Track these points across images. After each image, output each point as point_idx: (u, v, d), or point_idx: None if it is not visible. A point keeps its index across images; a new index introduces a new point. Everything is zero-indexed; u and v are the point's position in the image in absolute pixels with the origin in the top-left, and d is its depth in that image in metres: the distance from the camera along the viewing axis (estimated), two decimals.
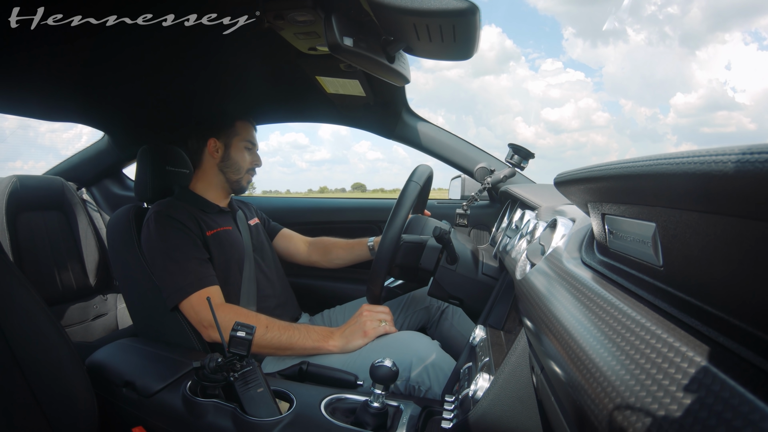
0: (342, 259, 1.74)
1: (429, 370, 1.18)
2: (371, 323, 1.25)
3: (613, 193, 0.44)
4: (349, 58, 0.89)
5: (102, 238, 2.20)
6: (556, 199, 1.05)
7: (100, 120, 1.90)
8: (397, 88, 1.56)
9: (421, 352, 1.22)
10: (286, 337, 1.22)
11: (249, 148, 1.52)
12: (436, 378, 1.18)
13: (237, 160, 1.49)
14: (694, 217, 0.30)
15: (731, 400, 0.23)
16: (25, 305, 0.91)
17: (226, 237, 1.42)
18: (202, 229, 1.37)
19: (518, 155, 1.64)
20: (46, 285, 1.95)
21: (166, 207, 1.35)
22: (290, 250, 1.78)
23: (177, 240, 1.30)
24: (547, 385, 0.58)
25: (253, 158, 1.53)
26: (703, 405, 0.25)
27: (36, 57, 1.12)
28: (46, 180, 2.10)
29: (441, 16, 0.74)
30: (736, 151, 0.24)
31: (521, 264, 0.80)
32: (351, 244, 1.73)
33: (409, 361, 1.19)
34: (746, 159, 0.23)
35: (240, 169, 1.50)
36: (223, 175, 1.50)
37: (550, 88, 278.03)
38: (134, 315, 1.38)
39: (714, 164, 0.25)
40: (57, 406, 0.90)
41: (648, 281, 0.39)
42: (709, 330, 0.30)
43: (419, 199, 1.50)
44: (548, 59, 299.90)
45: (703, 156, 0.27)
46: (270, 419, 0.90)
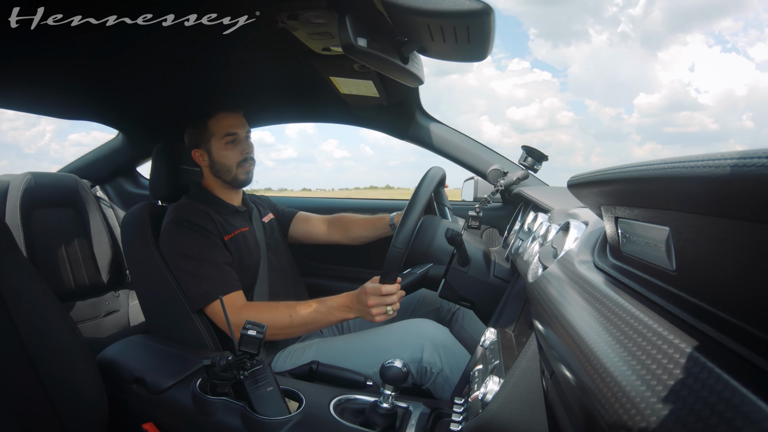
0: (364, 237, 1.72)
1: (440, 351, 1.21)
2: (378, 310, 1.20)
3: (627, 197, 0.44)
4: (362, 58, 0.89)
5: (115, 236, 2.23)
6: (569, 202, 1.04)
7: (115, 118, 1.92)
8: (411, 89, 1.56)
9: (432, 334, 1.24)
10: (311, 319, 1.25)
11: (230, 141, 1.44)
12: (447, 359, 1.19)
13: (222, 162, 1.44)
14: (708, 222, 0.30)
15: (743, 407, 0.23)
16: (38, 301, 0.93)
17: (243, 240, 1.42)
18: (221, 233, 1.37)
19: (532, 157, 1.62)
20: (58, 281, 1.97)
21: (185, 211, 1.35)
22: (310, 232, 1.75)
23: (199, 244, 1.30)
24: (557, 389, 0.58)
25: (241, 149, 1.45)
26: (714, 412, 0.24)
27: (52, 56, 1.13)
28: (60, 177, 2.14)
29: (455, 17, 0.73)
30: (751, 154, 0.23)
31: (533, 267, 0.79)
32: (372, 221, 1.70)
33: (420, 344, 1.21)
34: (762, 163, 0.23)
35: (229, 169, 1.44)
36: (219, 178, 1.47)
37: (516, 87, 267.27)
38: (147, 312, 1.39)
39: (729, 168, 0.25)
40: (67, 401, 0.91)
41: (660, 286, 0.39)
42: (722, 336, 0.30)
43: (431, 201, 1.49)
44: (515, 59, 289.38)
45: (717, 159, 0.26)
46: (279, 418, 0.91)
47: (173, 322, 1.31)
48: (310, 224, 1.76)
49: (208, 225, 1.34)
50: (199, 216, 1.34)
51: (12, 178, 1.96)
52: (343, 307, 1.25)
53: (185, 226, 1.31)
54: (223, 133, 1.43)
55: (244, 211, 1.52)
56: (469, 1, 0.72)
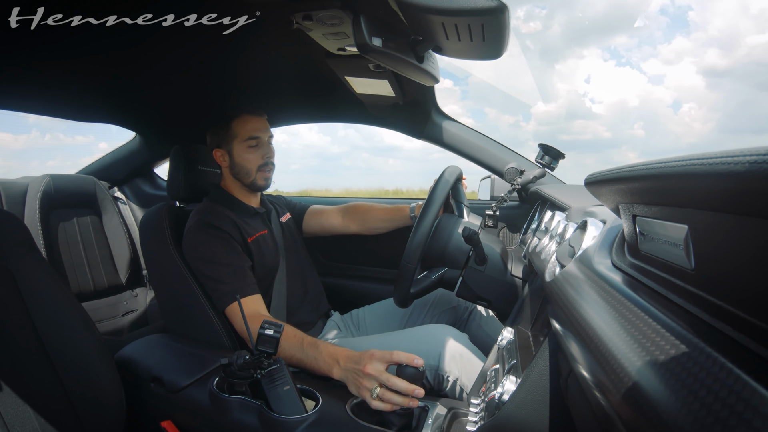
0: (382, 228, 1.69)
1: (458, 360, 1.19)
2: (366, 386, 0.99)
3: (645, 194, 0.43)
4: (377, 58, 0.89)
5: (133, 237, 2.28)
6: (586, 200, 1.03)
7: (132, 120, 1.96)
8: (427, 88, 1.56)
9: (450, 343, 1.22)
10: (296, 359, 1.14)
11: (253, 145, 1.43)
12: (464, 368, 1.18)
13: (243, 164, 1.44)
14: (727, 219, 0.29)
15: (762, 408, 0.23)
16: (57, 300, 0.95)
17: (264, 242, 1.43)
18: (243, 236, 1.38)
19: (548, 155, 1.60)
20: (77, 281, 2.03)
21: (207, 215, 1.36)
22: (324, 225, 1.72)
23: (221, 249, 1.31)
24: (574, 389, 0.57)
25: (262, 153, 1.44)
26: (733, 412, 0.24)
27: (69, 59, 1.15)
28: (78, 179, 2.19)
29: (470, 15, 0.73)
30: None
31: (551, 266, 0.78)
32: (390, 211, 1.66)
33: (438, 352, 1.19)
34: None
35: (249, 172, 1.44)
36: (238, 180, 1.47)
37: None
38: (165, 311, 1.41)
39: (747, 164, 0.25)
40: (85, 400, 0.93)
41: (679, 284, 0.38)
42: (741, 335, 0.29)
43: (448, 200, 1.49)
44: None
45: (737, 156, 0.26)
46: (295, 417, 0.91)
47: (191, 321, 1.32)
48: (324, 216, 1.73)
49: (231, 229, 1.35)
50: (221, 220, 1.35)
51: (31, 180, 2.02)
52: (332, 360, 1.08)
53: (208, 230, 1.33)
54: (246, 135, 1.43)
55: (263, 213, 1.53)
56: (483, 0, 0.71)
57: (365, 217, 1.70)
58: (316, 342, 1.14)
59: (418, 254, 1.18)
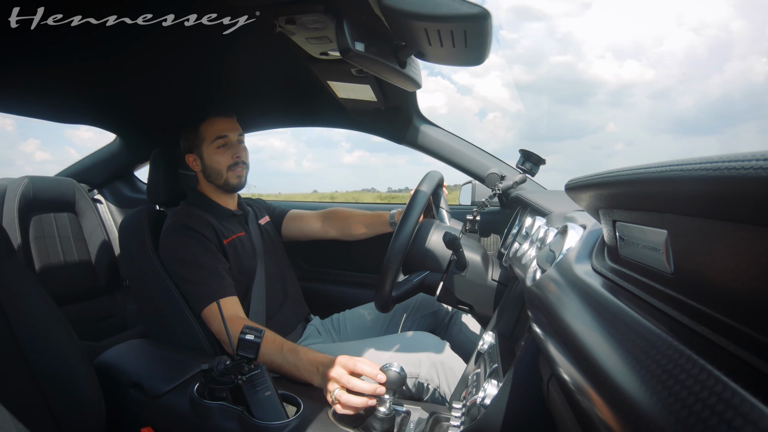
0: (361, 234, 1.68)
1: (438, 368, 1.19)
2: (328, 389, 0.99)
3: (625, 200, 0.44)
4: (360, 62, 0.89)
5: (112, 240, 2.23)
6: (567, 205, 1.05)
7: (112, 122, 1.92)
8: (409, 94, 1.56)
9: (430, 350, 1.22)
10: (276, 365, 1.12)
11: (221, 144, 1.42)
12: (444, 376, 1.18)
13: (213, 166, 1.43)
14: (706, 224, 0.30)
15: (741, 408, 0.23)
16: (35, 304, 0.93)
17: (240, 244, 1.42)
18: (219, 238, 1.37)
19: (529, 161, 1.62)
20: (55, 285, 1.98)
21: (183, 217, 1.35)
22: (304, 230, 1.71)
23: (197, 250, 1.29)
24: (555, 392, 0.58)
25: (232, 152, 1.43)
26: (713, 413, 0.24)
27: (49, 60, 1.13)
28: (58, 181, 2.14)
29: (452, 21, 0.74)
30: (749, 157, 0.24)
31: (531, 270, 0.79)
32: (370, 218, 1.66)
33: (418, 360, 1.19)
34: (759, 165, 0.23)
35: (220, 173, 1.43)
36: (211, 183, 1.46)
37: None
38: (144, 316, 1.39)
39: (727, 170, 0.25)
40: (64, 406, 0.91)
41: (658, 288, 0.39)
42: (720, 338, 0.30)
43: (429, 205, 1.50)
44: None
45: (715, 162, 0.26)
46: (277, 423, 0.90)
47: (171, 326, 1.30)
48: (304, 221, 1.72)
49: (206, 231, 1.34)
50: (197, 222, 1.34)
51: (9, 182, 1.97)
52: (313, 367, 1.07)
53: (183, 232, 1.31)
54: (213, 136, 1.42)
55: (240, 215, 1.52)
56: (466, 6, 0.72)
57: (345, 223, 1.70)
58: (296, 348, 1.13)
59: (399, 258, 1.18)
